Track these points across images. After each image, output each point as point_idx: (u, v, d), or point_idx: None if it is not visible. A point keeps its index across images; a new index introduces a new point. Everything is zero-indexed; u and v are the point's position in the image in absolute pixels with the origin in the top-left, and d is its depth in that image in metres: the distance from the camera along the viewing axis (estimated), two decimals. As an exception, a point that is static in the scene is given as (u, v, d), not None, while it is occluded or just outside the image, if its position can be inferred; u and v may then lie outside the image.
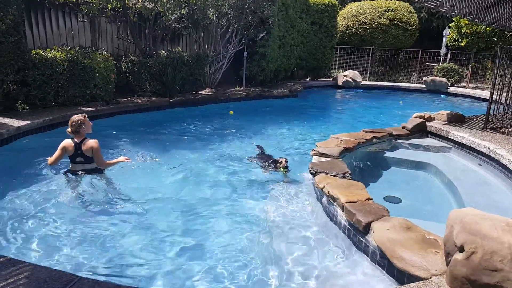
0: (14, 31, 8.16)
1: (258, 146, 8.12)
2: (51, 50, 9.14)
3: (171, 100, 11.73)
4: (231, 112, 11.61)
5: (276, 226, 4.74)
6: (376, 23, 22.39)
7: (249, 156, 7.51)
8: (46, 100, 8.97)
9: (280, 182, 6.26)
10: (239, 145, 8.51)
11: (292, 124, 10.97)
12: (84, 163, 5.59)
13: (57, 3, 10.33)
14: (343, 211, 4.41)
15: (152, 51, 12.37)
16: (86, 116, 5.64)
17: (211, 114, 11.67)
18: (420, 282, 3.01)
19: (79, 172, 5.60)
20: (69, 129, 5.48)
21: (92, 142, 5.51)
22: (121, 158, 5.87)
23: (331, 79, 20.86)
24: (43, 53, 8.85)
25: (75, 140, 5.51)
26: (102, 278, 3.43)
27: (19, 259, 3.10)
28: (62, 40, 11.09)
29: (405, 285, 2.98)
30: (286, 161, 6.59)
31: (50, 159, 5.60)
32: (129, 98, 11.09)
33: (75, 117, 5.50)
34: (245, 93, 14.14)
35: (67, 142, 5.53)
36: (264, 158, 7.37)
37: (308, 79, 20.63)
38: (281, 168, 6.48)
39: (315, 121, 11.63)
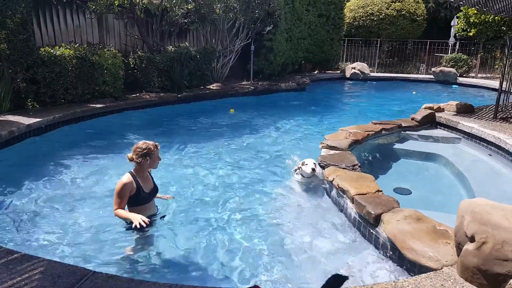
0: (23, 29, 8.22)
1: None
2: (59, 48, 9.20)
3: (179, 96, 11.76)
4: (232, 110, 11.42)
5: (285, 218, 4.76)
6: (383, 14, 22.20)
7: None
8: (55, 98, 9.03)
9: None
10: (248, 139, 8.51)
11: (301, 117, 10.95)
12: None
13: (64, 0, 10.37)
14: (353, 203, 4.41)
15: (159, 47, 12.39)
16: (159, 146, 4.27)
17: (219, 108, 11.67)
18: (431, 272, 3.01)
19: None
20: (129, 154, 4.10)
21: (121, 178, 4.06)
22: (136, 218, 3.67)
23: (339, 71, 20.76)
24: (51, 50, 8.90)
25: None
26: (115, 272, 3.47)
27: (34, 255, 3.15)
28: (70, 37, 11.15)
29: (416, 276, 2.99)
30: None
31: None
32: (137, 94, 11.14)
33: (143, 144, 4.10)
34: (252, 87, 14.12)
35: None
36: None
37: (315, 72, 20.54)
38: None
39: (323, 114, 11.60)
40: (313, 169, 5.57)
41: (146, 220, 3.66)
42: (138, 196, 4.04)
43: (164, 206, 4.67)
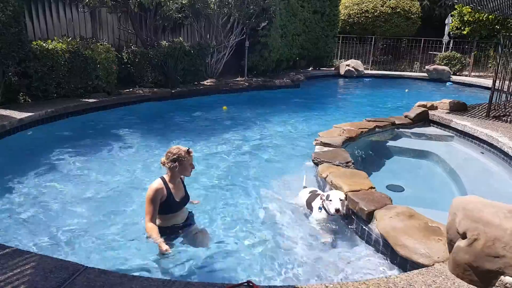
0: (15, 22, 8.12)
1: None
2: (52, 41, 9.12)
3: (173, 91, 11.71)
4: (225, 107, 11.32)
5: (278, 214, 4.76)
6: (378, 12, 22.24)
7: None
8: (47, 92, 8.96)
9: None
10: (241, 136, 8.49)
11: (295, 114, 10.94)
12: None
13: (57, -7, 10.29)
14: (346, 200, 4.41)
15: (153, 42, 12.32)
16: (192, 152, 3.93)
17: (213, 104, 11.63)
18: (423, 269, 3.02)
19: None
20: (163, 158, 3.89)
21: (152, 183, 3.83)
22: (162, 245, 3.47)
23: (333, 68, 20.80)
24: (44, 44, 8.82)
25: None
26: (108, 268, 3.45)
27: (26, 250, 3.13)
28: (62, 31, 11.05)
29: (408, 272, 3.00)
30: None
31: None
32: (131, 89, 11.08)
33: (175, 148, 3.84)
34: (247, 83, 14.10)
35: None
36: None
37: (310, 69, 20.55)
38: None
39: (317, 111, 11.60)
40: (337, 210, 4.17)
41: (169, 251, 3.51)
42: (168, 204, 3.82)
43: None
